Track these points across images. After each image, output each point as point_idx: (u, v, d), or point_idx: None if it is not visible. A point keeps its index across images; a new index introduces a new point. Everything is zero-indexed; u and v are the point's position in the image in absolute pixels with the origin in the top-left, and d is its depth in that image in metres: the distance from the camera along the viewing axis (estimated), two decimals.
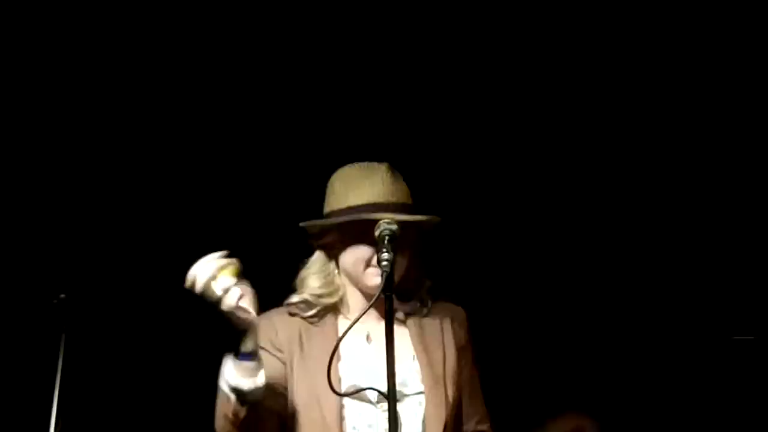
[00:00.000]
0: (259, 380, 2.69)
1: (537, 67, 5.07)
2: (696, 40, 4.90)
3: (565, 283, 5.20)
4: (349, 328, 2.67)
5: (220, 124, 4.98)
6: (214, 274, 2.63)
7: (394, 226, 2.70)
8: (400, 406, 2.75)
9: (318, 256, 2.94)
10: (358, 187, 2.86)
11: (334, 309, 2.94)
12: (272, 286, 2.89)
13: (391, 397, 2.59)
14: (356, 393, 2.78)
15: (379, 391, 2.72)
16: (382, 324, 2.83)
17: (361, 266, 2.86)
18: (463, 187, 5.04)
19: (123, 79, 4.87)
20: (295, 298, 2.95)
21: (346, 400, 2.79)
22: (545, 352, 5.17)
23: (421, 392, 2.84)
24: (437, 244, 2.98)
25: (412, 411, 2.83)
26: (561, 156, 5.22)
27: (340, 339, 2.71)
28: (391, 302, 2.67)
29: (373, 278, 2.84)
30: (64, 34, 4.77)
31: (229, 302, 2.63)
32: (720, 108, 5.07)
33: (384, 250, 2.66)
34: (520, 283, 5.19)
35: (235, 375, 2.67)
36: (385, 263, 2.65)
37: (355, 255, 2.87)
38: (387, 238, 2.69)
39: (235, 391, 2.67)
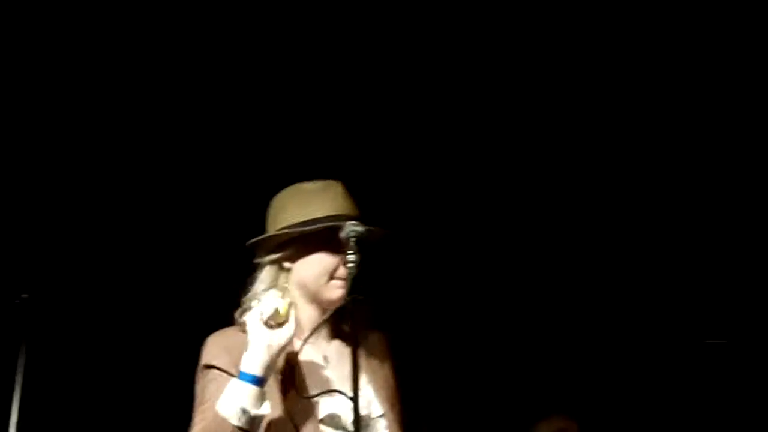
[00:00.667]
0: (265, 409, 2.63)
1: (474, 82, 5.04)
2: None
3: (545, 287, 5.22)
4: (313, 332, 2.67)
5: (176, 137, 4.96)
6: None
7: (361, 228, 2.68)
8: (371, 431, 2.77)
9: (268, 273, 2.86)
10: (319, 199, 2.84)
11: None
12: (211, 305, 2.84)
13: (356, 405, 2.58)
14: (325, 393, 2.74)
15: (347, 395, 2.66)
16: (333, 345, 2.86)
17: (324, 278, 2.81)
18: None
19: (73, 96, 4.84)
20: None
21: (323, 427, 2.73)
22: (524, 358, 5.18)
23: (382, 415, 2.82)
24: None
25: None
26: (510, 159, 5.21)
27: (304, 344, 2.69)
28: (357, 304, 2.65)
29: (336, 290, 2.80)
30: (32, 26, 4.72)
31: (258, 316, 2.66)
32: (676, 112, 5.07)
33: (350, 251, 2.65)
34: (497, 288, 5.21)
35: (246, 399, 2.60)
36: (351, 265, 2.64)
37: (317, 267, 2.82)
38: (354, 240, 2.66)
39: (244, 414, 2.59)
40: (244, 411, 2.59)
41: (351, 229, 2.67)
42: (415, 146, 5.11)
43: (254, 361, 2.62)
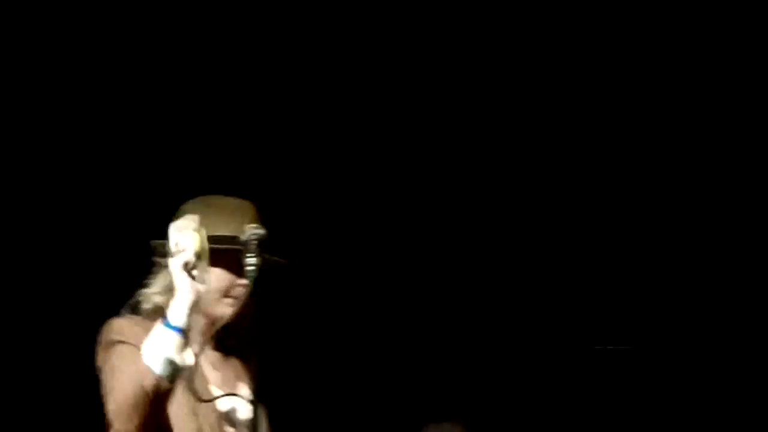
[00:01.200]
0: (189, 359, 2.64)
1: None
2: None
3: (440, 289, 5.22)
4: (206, 339, 2.73)
5: (73, 133, 4.92)
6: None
7: (262, 231, 2.71)
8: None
9: (166, 275, 2.83)
10: (234, 219, 2.85)
11: None
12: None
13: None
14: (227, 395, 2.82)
15: (249, 400, 2.76)
16: (216, 353, 2.91)
17: (217, 294, 2.84)
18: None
19: None
20: (148, 305, 2.86)
21: (224, 425, 2.82)
22: (414, 359, 5.19)
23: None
24: None
25: None
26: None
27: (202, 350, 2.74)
28: (258, 308, 2.69)
29: (226, 308, 2.85)
30: None
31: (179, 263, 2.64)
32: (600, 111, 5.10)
33: (251, 254, 2.67)
34: (392, 290, 5.20)
35: (170, 346, 2.59)
36: (251, 268, 2.66)
37: (215, 282, 2.82)
38: (255, 242, 2.68)
39: (170, 364, 2.58)
40: (170, 361, 2.58)
41: (252, 232, 2.69)
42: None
43: (180, 311, 2.62)
